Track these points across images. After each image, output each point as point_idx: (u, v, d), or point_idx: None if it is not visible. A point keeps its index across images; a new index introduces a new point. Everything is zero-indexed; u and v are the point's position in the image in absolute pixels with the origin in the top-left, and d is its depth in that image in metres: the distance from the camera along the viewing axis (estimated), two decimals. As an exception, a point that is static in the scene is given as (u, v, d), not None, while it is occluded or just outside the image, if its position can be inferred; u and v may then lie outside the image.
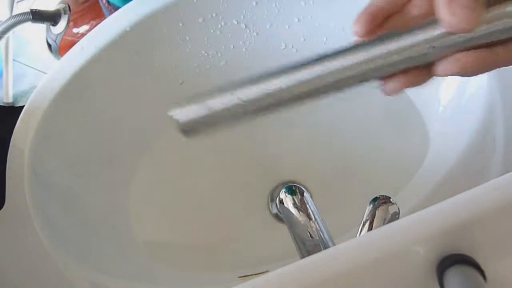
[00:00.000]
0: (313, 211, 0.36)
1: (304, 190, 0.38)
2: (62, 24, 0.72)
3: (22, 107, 0.44)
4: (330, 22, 0.49)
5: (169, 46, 0.49)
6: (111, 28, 0.46)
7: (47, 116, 0.43)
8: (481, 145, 0.43)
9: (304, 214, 0.36)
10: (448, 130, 0.46)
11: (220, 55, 0.51)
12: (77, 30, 0.71)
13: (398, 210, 0.34)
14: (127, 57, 0.47)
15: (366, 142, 0.52)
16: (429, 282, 0.23)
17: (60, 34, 0.72)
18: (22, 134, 0.42)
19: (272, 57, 0.51)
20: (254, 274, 0.46)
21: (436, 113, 0.48)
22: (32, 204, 0.40)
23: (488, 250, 0.23)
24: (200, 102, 0.24)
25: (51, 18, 0.72)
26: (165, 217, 0.51)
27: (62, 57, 0.46)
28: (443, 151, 0.46)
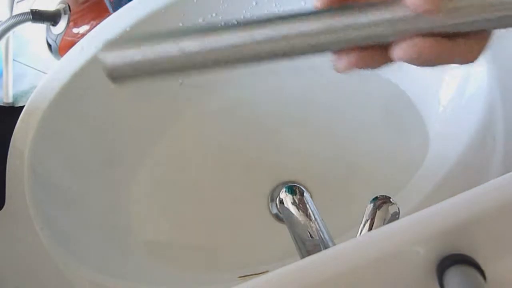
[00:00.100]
0: (313, 211, 0.36)
1: (304, 190, 0.38)
2: (62, 24, 0.72)
3: (22, 107, 0.44)
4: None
5: (169, 46, 0.49)
6: (111, 28, 0.46)
7: (47, 116, 0.43)
8: (481, 145, 0.43)
9: (304, 214, 0.35)
10: (448, 130, 0.46)
11: (220, 55, 0.51)
12: (77, 30, 0.71)
13: (398, 210, 0.34)
14: (127, 57, 0.47)
15: (366, 142, 0.52)
16: (429, 282, 0.23)
17: (60, 34, 0.72)
18: (22, 134, 0.42)
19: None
20: (254, 274, 0.46)
21: (436, 113, 0.48)
22: (32, 204, 0.40)
23: (488, 250, 0.23)
24: (135, 46, 0.21)
25: (51, 18, 0.72)
26: (165, 217, 0.51)
27: (62, 57, 0.46)
28: (443, 151, 0.46)
